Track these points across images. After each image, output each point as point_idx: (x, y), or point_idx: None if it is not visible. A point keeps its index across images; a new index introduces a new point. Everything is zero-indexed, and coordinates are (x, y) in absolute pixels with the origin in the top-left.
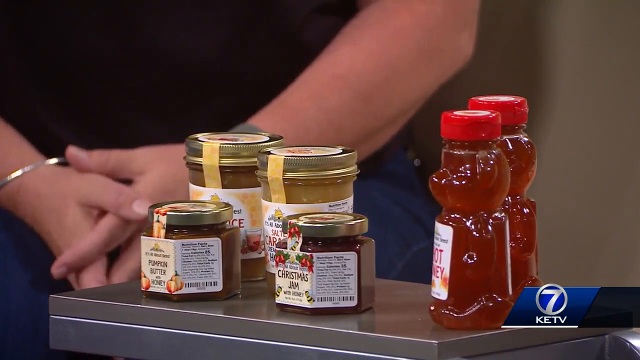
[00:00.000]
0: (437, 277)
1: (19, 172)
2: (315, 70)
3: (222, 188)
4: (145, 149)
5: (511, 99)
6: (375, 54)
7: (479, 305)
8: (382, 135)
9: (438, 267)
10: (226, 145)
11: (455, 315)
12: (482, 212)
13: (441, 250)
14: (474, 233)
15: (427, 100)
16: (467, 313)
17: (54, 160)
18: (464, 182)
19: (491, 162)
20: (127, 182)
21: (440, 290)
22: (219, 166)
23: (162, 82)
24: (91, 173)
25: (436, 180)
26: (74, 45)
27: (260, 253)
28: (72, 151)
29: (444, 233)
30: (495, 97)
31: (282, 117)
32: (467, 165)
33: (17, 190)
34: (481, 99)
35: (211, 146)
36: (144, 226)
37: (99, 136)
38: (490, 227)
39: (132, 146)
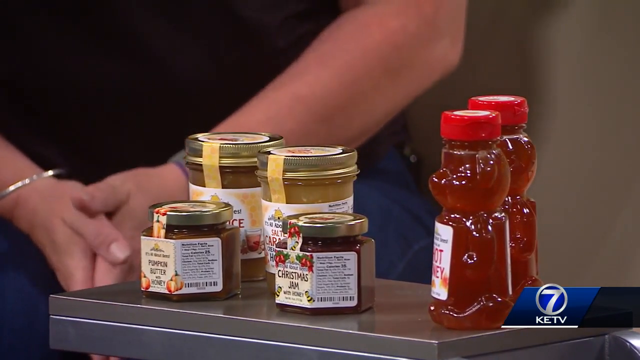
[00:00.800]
0: (437, 277)
1: (19, 184)
2: (277, 89)
3: (222, 188)
4: (121, 179)
5: (511, 99)
6: (340, 74)
7: (479, 305)
8: None
9: (438, 267)
10: (226, 145)
11: (455, 315)
12: (482, 212)
13: (441, 250)
14: (474, 233)
15: (420, 99)
16: (467, 313)
17: (50, 173)
18: (464, 182)
19: (491, 162)
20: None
21: (440, 290)
22: (219, 166)
23: (144, 105)
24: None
25: (436, 180)
26: (56, 69)
27: (260, 253)
28: (76, 195)
29: (444, 233)
30: (495, 97)
31: None
32: (467, 165)
33: (15, 204)
34: (481, 99)
35: (211, 146)
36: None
37: (82, 156)
38: (490, 227)
39: (115, 166)
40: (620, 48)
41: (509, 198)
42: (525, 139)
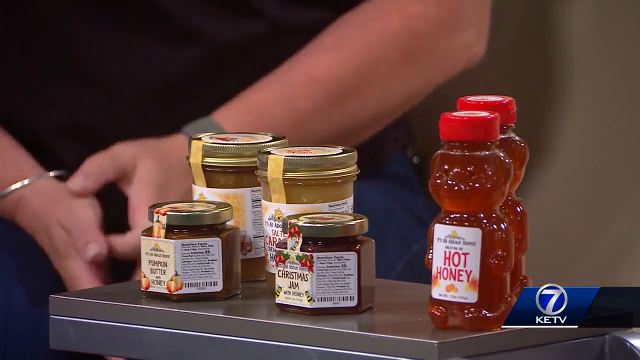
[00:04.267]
0: (462, 280)
1: (17, 185)
2: (292, 69)
3: (207, 187)
4: (122, 146)
5: (499, 98)
6: (356, 57)
7: (506, 303)
8: (359, 136)
9: (462, 270)
10: (209, 145)
11: (489, 315)
12: (489, 213)
13: (466, 254)
14: (500, 233)
15: (423, 100)
16: (498, 312)
17: (52, 174)
18: (463, 184)
19: (490, 162)
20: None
21: (468, 294)
22: (202, 165)
23: (160, 92)
24: (103, 183)
25: (438, 182)
26: (71, 55)
27: (245, 254)
28: (73, 187)
29: (468, 236)
30: (483, 97)
31: (249, 118)
32: (467, 167)
33: (16, 205)
34: (469, 98)
35: (196, 145)
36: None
37: (93, 148)
38: (504, 226)
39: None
40: (622, 49)
41: None
42: (517, 138)
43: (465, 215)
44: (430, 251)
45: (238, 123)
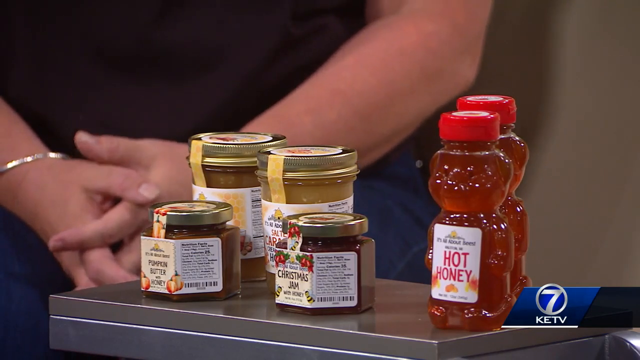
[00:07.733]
0: (462, 280)
1: (16, 162)
2: (317, 83)
3: (207, 187)
4: (153, 142)
5: (499, 98)
6: (378, 72)
7: (506, 303)
8: (375, 153)
9: (462, 270)
10: (208, 145)
11: (489, 315)
12: (489, 213)
13: (466, 254)
14: (500, 233)
15: (424, 120)
16: (498, 312)
17: (57, 155)
18: (463, 184)
19: (490, 162)
20: None
21: (468, 294)
22: (202, 165)
23: (185, 79)
24: (99, 160)
25: (438, 182)
26: (89, 32)
27: (245, 254)
28: (82, 137)
29: (468, 236)
30: (483, 97)
31: (279, 130)
32: (467, 167)
33: (20, 182)
34: (469, 98)
35: (196, 145)
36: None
37: (107, 129)
38: (504, 226)
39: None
40: (620, 47)
41: None
42: (517, 138)
43: (465, 215)
44: (430, 251)
45: None
